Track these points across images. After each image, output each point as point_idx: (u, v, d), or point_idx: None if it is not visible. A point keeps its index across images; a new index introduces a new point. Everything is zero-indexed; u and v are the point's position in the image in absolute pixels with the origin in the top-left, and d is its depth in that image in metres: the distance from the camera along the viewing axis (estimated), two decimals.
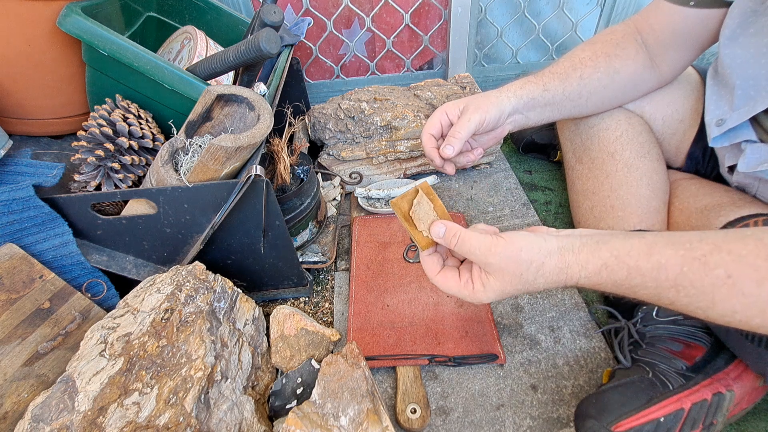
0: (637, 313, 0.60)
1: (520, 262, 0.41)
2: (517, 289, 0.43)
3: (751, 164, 0.52)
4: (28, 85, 0.66)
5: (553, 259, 0.41)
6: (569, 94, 0.62)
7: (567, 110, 0.64)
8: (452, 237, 0.44)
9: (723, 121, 0.54)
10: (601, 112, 0.70)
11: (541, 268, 0.41)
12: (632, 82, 0.64)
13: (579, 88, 0.62)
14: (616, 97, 0.66)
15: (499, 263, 0.41)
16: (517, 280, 0.42)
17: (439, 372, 0.63)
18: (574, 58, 0.63)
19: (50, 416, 0.42)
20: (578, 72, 0.62)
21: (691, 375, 0.52)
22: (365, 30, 1.08)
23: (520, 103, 0.60)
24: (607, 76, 0.62)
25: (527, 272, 0.42)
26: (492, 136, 0.63)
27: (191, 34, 0.77)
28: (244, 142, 0.53)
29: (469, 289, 0.45)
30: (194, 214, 0.58)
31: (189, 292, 0.53)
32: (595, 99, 0.64)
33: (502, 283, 0.43)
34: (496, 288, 0.43)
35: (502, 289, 0.43)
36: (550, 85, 0.61)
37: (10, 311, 0.51)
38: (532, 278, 0.42)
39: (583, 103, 0.64)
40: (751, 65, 0.50)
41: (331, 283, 0.78)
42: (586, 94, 0.63)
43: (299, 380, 0.57)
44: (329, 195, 0.90)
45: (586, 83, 0.62)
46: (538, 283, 0.42)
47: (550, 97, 0.61)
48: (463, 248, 0.43)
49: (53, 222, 0.56)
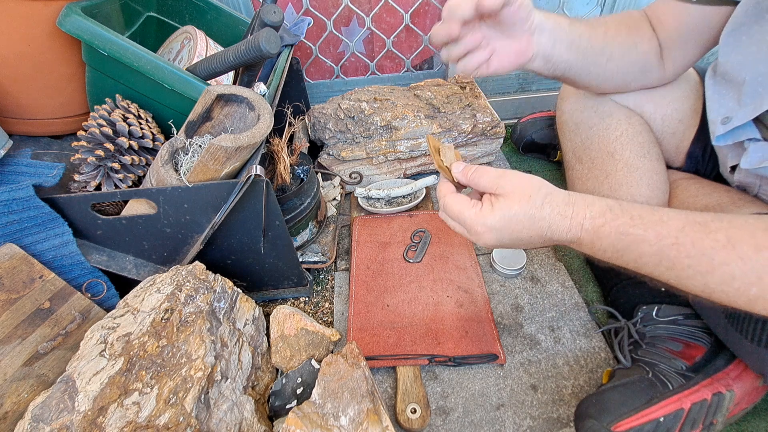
0: (637, 313, 0.60)
1: (531, 184, 0.43)
2: (525, 216, 0.42)
3: (754, 161, 0.52)
4: (28, 85, 0.66)
5: (560, 192, 0.43)
6: (594, 43, 0.59)
7: (589, 64, 0.60)
8: (469, 170, 0.47)
9: (729, 118, 0.54)
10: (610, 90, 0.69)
11: (549, 195, 0.42)
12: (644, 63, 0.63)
13: (603, 42, 0.59)
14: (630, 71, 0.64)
15: (510, 183, 0.43)
16: (527, 202, 0.42)
17: (439, 372, 0.63)
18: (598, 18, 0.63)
19: (50, 416, 0.42)
20: (603, 27, 0.60)
21: (691, 375, 0.52)
22: (365, 29, 1.08)
23: (548, 24, 0.54)
24: (628, 45, 0.61)
25: (536, 195, 0.42)
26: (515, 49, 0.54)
27: (191, 34, 0.77)
28: (244, 142, 0.53)
29: (476, 209, 0.44)
30: (194, 214, 0.58)
31: (189, 292, 0.53)
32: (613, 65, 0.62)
33: (510, 204, 0.42)
34: (504, 208, 0.42)
35: (510, 213, 0.42)
36: (576, 24, 0.58)
37: (10, 311, 0.51)
38: (540, 203, 0.42)
39: (603, 63, 0.61)
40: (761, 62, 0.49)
41: (331, 283, 0.78)
42: (608, 53, 0.60)
43: (299, 380, 0.57)
44: (329, 195, 0.90)
45: (610, 40, 0.60)
46: (544, 213, 0.42)
47: (576, 36, 0.57)
48: (478, 177, 0.45)
49: (53, 222, 0.56)
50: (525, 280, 0.75)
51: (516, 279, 0.75)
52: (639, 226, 0.39)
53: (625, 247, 0.40)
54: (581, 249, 0.43)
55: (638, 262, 0.40)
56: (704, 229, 0.37)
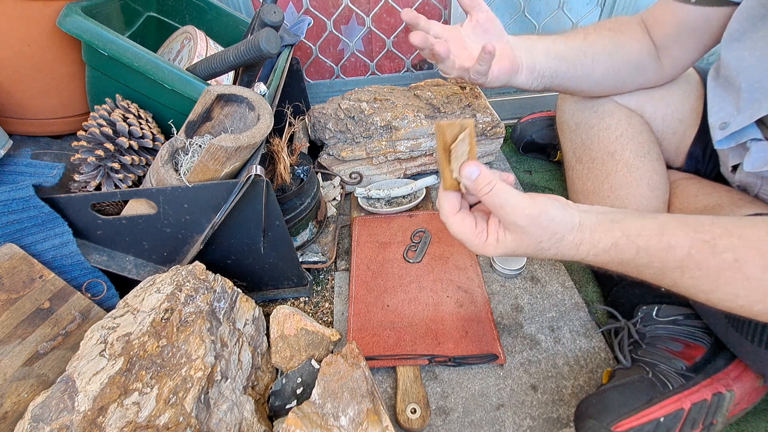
0: (637, 313, 0.60)
1: (546, 231, 0.40)
2: (526, 253, 0.43)
3: (756, 164, 0.52)
4: (28, 85, 0.66)
5: (572, 234, 0.41)
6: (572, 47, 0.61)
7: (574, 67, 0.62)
8: (486, 185, 0.39)
9: (727, 124, 0.54)
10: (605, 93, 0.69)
11: (560, 241, 0.41)
12: (636, 62, 0.64)
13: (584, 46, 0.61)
14: (620, 73, 0.65)
15: (525, 226, 0.40)
16: (534, 246, 0.41)
17: (439, 372, 0.63)
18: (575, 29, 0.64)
19: (50, 416, 0.42)
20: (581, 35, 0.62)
21: (691, 375, 0.52)
22: (365, 28, 1.08)
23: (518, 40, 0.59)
24: (612, 44, 0.62)
25: (548, 242, 0.41)
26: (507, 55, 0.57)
27: (191, 34, 0.77)
28: (244, 142, 0.53)
29: (482, 240, 0.42)
30: (194, 214, 0.58)
31: (189, 292, 0.53)
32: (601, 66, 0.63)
33: (517, 244, 0.41)
34: (508, 246, 0.42)
35: (513, 249, 0.42)
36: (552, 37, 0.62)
37: (10, 311, 0.51)
38: (548, 247, 0.41)
39: (589, 63, 0.62)
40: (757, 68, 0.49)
41: (331, 283, 0.78)
42: (591, 54, 0.62)
43: (299, 380, 0.57)
44: (329, 195, 0.90)
45: (590, 44, 0.61)
46: (549, 253, 0.42)
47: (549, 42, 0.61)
48: (493, 200, 0.40)
49: (53, 222, 0.56)
50: (525, 280, 0.75)
51: (516, 279, 0.75)
52: (644, 257, 0.39)
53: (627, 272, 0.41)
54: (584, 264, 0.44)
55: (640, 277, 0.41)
56: (712, 250, 0.36)
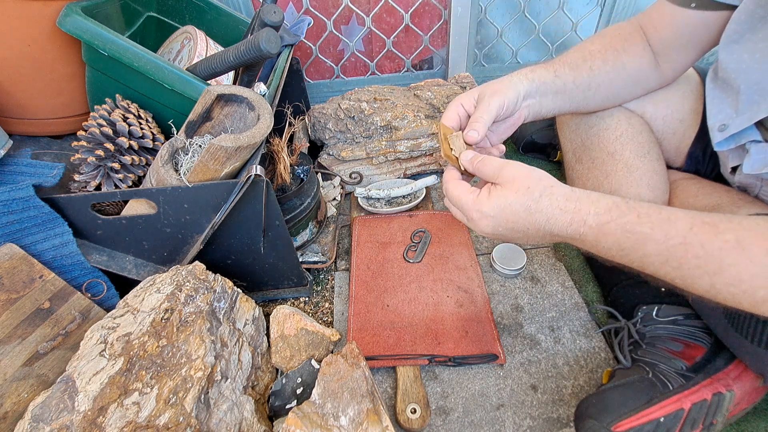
0: (637, 313, 0.60)
1: (531, 175, 0.43)
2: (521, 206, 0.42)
3: (756, 165, 0.52)
4: (28, 85, 0.66)
5: (561, 187, 0.43)
6: (579, 83, 0.61)
7: (577, 101, 0.64)
8: (476, 159, 0.48)
9: (726, 126, 0.54)
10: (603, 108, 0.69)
11: (548, 188, 0.42)
12: (636, 79, 0.64)
13: (589, 79, 0.62)
14: (621, 92, 0.66)
15: (511, 173, 0.43)
16: (523, 194, 0.42)
17: (439, 372, 0.63)
18: (584, 50, 0.63)
19: (50, 416, 0.42)
20: (588, 63, 0.62)
21: (691, 375, 0.52)
22: (365, 28, 1.08)
23: (533, 87, 0.59)
24: (615, 70, 0.62)
25: (535, 186, 0.42)
26: (510, 124, 0.61)
27: (191, 34, 0.77)
28: (244, 142, 0.53)
29: (474, 195, 0.45)
30: (194, 214, 0.58)
31: (189, 292, 0.53)
32: (602, 92, 0.64)
33: (507, 194, 0.43)
34: (501, 197, 0.43)
35: (506, 202, 0.43)
36: (560, 72, 0.61)
37: (10, 311, 0.51)
38: (538, 195, 0.42)
39: (591, 96, 0.63)
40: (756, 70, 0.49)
41: (331, 283, 0.78)
42: (594, 86, 0.62)
43: (299, 380, 0.57)
44: (329, 195, 0.90)
45: (595, 75, 0.61)
46: (541, 205, 0.42)
47: (561, 84, 0.61)
48: (482, 166, 0.46)
49: (53, 222, 0.56)
50: (525, 280, 0.75)
51: (516, 279, 0.75)
52: (646, 224, 0.38)
53: (630, 246, 0.39)
54: (583, 246, 0.43)
55: (643, 261, 0.40)
56: (714, 229, 0.36)
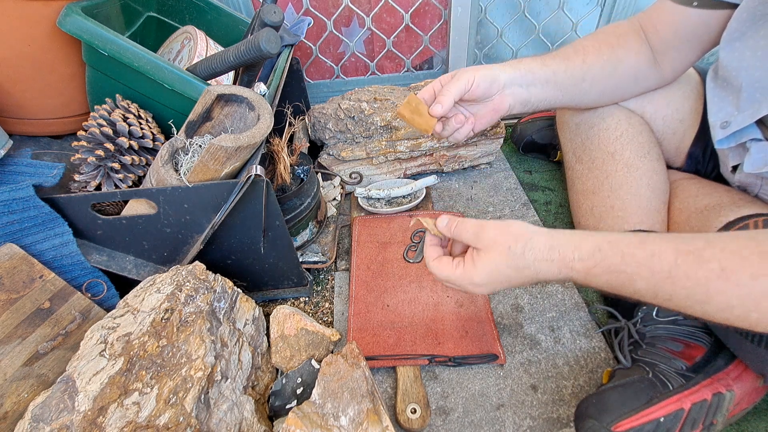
0: (637, 313, 0.60)
1: (508, 234, 0.44)
2: (508, 267, 0.43)
3: (756, 164, 0.52)
4: (28, 85, 0.66)
5: (541, 236, 0.43)
6: (571, 74, 0.61)
7: (571, 93, 0.63)
8: (452, 224, 0.49)
9: (728, 123, 0.54)
10: (602, 105, 0.69)
11: (529, 242, 0.43)
12: (634, 76, 0.64)
13: (582, 71, 0.62)
14: (618, 88, 0.66)
15: (489, 236, 0.45)
16: (506, 255, 0.43)
17: (439, 372, 0.63)
18: (576, 45, 0.63)
19: (50, 416, 0.42)
20: (581, 56, 0.62)
21: (691, 375, 0.52)
22: (365, 29, 1.08)
23: (517, 75, 0.59)
24: (611, 65, 0.62)
25: (515, 245, 0.43)
26: (491, 109, 0.61)
27: (191, 34, 0.77)
28: (244, 142, 0.53)
29: (461, 269, 0.46)
30: (194, 214, 0.58)
31: (189, 292, 0.53)
32: (598, 87, 0.64)
33: (492, 259, 0.44)
34: (486, 264, 0.44)
35: (493, 267, 0.44)
36: (549, 62, 0.61)
37: (10, 311, 0.51)
38: (521, 252, 0.43)
39: (586, 89, 0.63)
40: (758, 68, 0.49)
41: (331, 283, 0.78)
42: (589, 79, 0.62)
43: (299, 380, 0.57)
44: (329, 195, 0.90)
45: (589, 67, 0.61)
46: (527, 261, 0.43)
47: (550, 73, 0.60)
48: (460, 231, 0.47)
49: (53, 222, 0.56)
50: None
51: None
52: (631, 264, 0.39)
53: (620, 284, 0.41)
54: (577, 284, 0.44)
55: (636, 295, 0.41)
56: (697, 259, 0.36)
